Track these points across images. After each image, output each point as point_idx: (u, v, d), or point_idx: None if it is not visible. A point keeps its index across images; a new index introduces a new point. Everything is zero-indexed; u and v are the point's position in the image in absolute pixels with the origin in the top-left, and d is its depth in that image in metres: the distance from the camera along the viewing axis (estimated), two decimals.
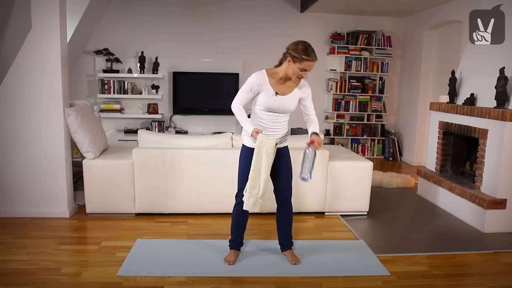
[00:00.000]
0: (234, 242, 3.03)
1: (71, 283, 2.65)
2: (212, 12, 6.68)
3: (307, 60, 2.60)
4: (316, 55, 2.64)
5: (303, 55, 2.59)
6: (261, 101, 2.75)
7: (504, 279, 2.89)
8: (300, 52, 2.60)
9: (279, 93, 2.74)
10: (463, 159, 4.55)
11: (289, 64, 2.66)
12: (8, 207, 3.78)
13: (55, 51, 3.66)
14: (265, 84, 2.72)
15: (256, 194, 2.77)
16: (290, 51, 2.64)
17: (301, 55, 2.59)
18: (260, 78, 2.73)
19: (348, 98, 7.01)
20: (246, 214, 2.99)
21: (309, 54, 2.60)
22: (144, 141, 3.92)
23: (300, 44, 2.63)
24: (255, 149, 2.73)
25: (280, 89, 2.75)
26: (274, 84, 2.74)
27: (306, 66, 2.62)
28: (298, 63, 2.61)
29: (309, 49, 2.61)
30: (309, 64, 2.62)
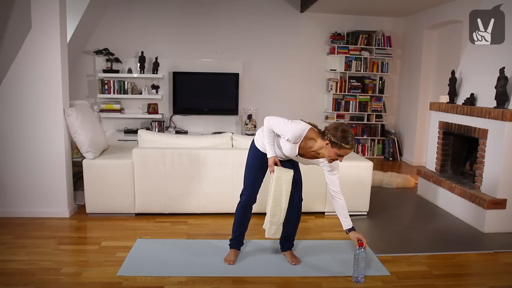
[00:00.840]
0: (235, 241, 3.03)
1: (71, 283, 2.65)
2: (212, 12, 6.68)
3: (346, 148, 2.52)
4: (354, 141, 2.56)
5: (343, 143, 2.50)
6: (284, 145, 2.71)
7: (504, 279, 2.89)
8: (339, 139, 2.50)
9: (301, 156, 2.73)
10: (463, 159, 4.55)
11: (326, 146, 2.56)
12: (8, 207, 3.78)
13: (55, 51, 3.66)
14: (296, 143, 2.66)
15: (277, 221, 2.79)
16: (330, 135, 2.53)
17: (341, 143, 2.50)
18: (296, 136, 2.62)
19: (348, 98, 7.01)
20: (249, 213, 2.99)
21: (349, 142, 2.51)
22: (144, 141, 3.92)
23: (340, 130, 2.52)
24: (274, 180, 2.71)
25: (305, 153, 2.71)
26: (303, 147, 2.67)
27: (344, 153, 2.55)
28: (337, 149, 2.53)
29: (349, 137, 2.52)
30: (347, 152, 2.55)
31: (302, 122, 2.69)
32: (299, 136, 2.63)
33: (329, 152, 2.57)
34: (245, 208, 2.95)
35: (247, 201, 2.93)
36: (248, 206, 2.95)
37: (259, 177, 2.92)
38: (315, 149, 2.65)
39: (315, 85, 7.13)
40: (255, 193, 2.94)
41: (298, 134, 2.63)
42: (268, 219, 2.79)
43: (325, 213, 4.07)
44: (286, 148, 2.72)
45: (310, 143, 2.65)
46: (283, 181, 2.74)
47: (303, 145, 2.67)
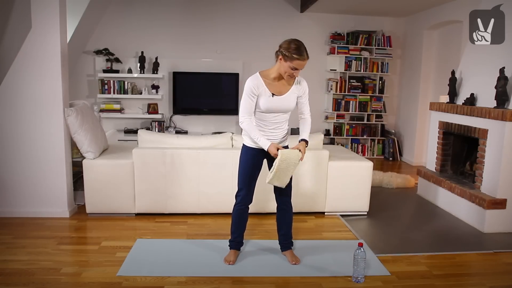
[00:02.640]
0: (234, 242, 3.03)
1: (71, 283, 2.65)
2: (212, 12, 6.68)
3: (298, 59, 2.58)
4: (308, 54, 2.62)
5: (294, 54, 2.57)
6: (260, 104, 2.74)
7: (504, 279, 2.89)
8: (291, 51, 2.57)
9: (276, 94, 2.73)
10: (463, 159, 4.55)
11: (281, 62, 2.64)
12: (8, 207, 3.78)
13: (55, 51, 3.66)
14: (261, 86, 2.71)
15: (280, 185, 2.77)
16: (282, 49, 2.61)
17: (291, 54, 2.57)
18: (255, 80, 2.71)
19: (348, 98, 7.01)
20: (246, 214, 2.99)
21: (301, 53, 2.57)
22: (144, 141, 3.92)
23: (293, 43, 2.59)
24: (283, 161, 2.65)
25: (276, 89, 2.74)
26: (269, 84, 2.73)
27: (297, 65, 2.60)
28: (289, 61, 2.59)
29: (301, 48, 2.59)
30: (300, 63, 2.60)
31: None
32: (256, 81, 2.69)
33: (284, 67, 2.62)
34: (242, 209, 2.95)
35: (242, 201, 2.92)
36: (244, 207, 2.95)
37: (253, 177, 2.90)
38: (276, 75, 2.70)
39: (315, 85, 7.12)
40: (251, 193, 2.93)
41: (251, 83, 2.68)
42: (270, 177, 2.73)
43: (325, 213, 4.07)
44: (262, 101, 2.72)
45: (270, 77, 2.72)
46: (292, 164, 2.70)
47: (268, 83, 2.71)
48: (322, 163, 3.91)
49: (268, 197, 3.68)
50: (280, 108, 2.78)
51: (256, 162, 2.88)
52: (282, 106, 2.77)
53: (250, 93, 2.70)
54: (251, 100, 2.72)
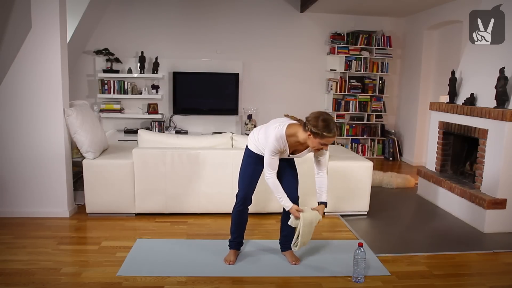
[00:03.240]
0: (234, 242, 3.04)
1: (71, 283, 2.65)
2: (212, 12, 6.68)
3: (328, 137, 2.51)
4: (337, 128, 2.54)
5: (324, 132, 2.48)
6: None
7: (504, 279, 2.89)
8: (321, 129, 2.48)
9: (292, 153, 2.74)
10: (463, 159, 4.55)
11: (309, 137, 2.55)
12: (8, 207, 3.78)
13: (55, 51, 3.66)
14: (284, 147, 2.66)
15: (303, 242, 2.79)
16: (311, 126, 2.50)
17: (322, 132, 2.48)
18: (280, 143, 2.62)
19: (348, 98, 7.01)
20: (246, 214, 3.00)
21: (331, 130, 2.49)
22: (144, 141, 3.92)
23: (321, 120, 2.49)
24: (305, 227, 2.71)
25: (295, 148, 2.72)
26: (291, 145, 2.67)
27: (327, 142, 2.54)
28: (319, 138, 2.51)
29: (330, 125, 2.49)
30: (330, 141, 2.54)
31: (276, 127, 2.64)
32: (281, 142, 2.62)
33: (313, 142, 2.56)
34: (241, 210, 2.95)
35: (241, 202, 2.92)
36: (244, 208, 2.95)
37: (254, 179, 2.91)
38: (301, 141, 2.64)
39: (315, 85, 7.13)
40: (250, 194, 2.93)
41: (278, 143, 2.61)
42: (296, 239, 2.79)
43: (325, 213, 4.07)
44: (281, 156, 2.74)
45: (294, 139, 2.64)
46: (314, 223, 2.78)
47: (290, 144, 2.67)
48: None
49: (268, 197, 3.68)
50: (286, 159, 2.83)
51: (259, 166, 2.88)
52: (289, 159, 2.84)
53: (275, 151, 2.65)
54: (276, 158, 2.68)
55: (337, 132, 2.56)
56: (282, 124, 2.65)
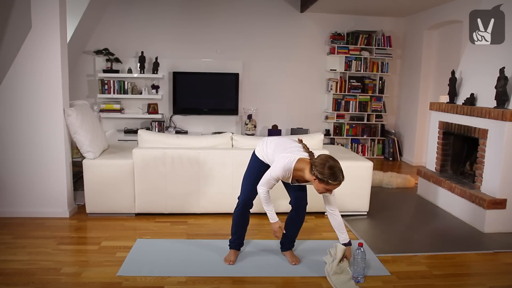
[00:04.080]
0: (234, 243, 3.04)
1: (71, 283, 2.65)
2: (212, 12, 6.68)
3: (333, 184, 2.50)
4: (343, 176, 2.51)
5: (330, 180, 2.47)
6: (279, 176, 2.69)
7: (504, 279, 2.89)
8: (327, 176, 2.46)
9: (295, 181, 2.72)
10: (463, 159, 4.55)
11: (314, 181, 2.53)
12: (8, 207, 3.78)
13: (55, 51, 3.66)
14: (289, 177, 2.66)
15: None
16: (317, 172, 2.49)
17: (327, 180, 2.47)
18: (285, 174, 2.62)
19: (348, 98, 7.01)
20: (247, 217, 2.99)
21: (336, 179, 2.48)
22: (144, 141, 3.92)
23: (327, 167, 2.47)
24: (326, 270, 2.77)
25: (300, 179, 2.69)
26: (296, 175, 2.65)
27: (332, 188, 2.53)
28: (324, 184, 2.50)
29: (336, 173, 2.47)
30: (335, 187, 2.53)
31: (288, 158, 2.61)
32: (287, 173, 2.61)
33: (318, 186, 2.54)
34: (242, 211, 2.95)
35: (242, 204, 2.92)
36: (245, 210, 2.95)
37: (257, 183, 2.86)
38: (307, 179, 2.60)
39: (315, 85, 7.13)
40: (252, 198, 2.93)
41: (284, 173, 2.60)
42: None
43: (325, 213, 4.06)
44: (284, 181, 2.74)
45: (300, 173, 2.61)
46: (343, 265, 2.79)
47: (295, 175, 2.64)
48: None
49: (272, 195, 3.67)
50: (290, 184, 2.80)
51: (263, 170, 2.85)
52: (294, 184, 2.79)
53: (277, 178, 2.65)
54: (275, 182, 2.68)
55: (343, 179, 2.52)
56: (292, 157, 2.61)
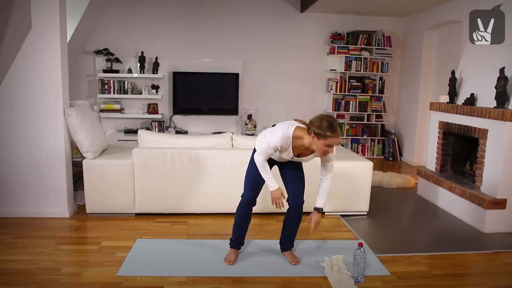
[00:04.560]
0: (235, 242, 3.03)
1: (71, 283, 2.65)
2: (212, 12, 6.68)
3: (332, 137, 2.50)
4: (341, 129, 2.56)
5: (328, 132, 2.48)
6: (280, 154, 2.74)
7: (504, 279, 2.89)
8: (324, 129, 2.48)
9: (297, 156, 2.73)
10: (463, 159, 4.55)
11: (313, 139, 2.55)
12: (8, 207, 3.78)
13: (55, 51, 3.66)
14: (287, 147, 2.67)
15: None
16: (314, 128, 2.52)
17: (325, 132, 2.49)
18: (284, 142, 2.64)
19: (348, 98, 7.01)
20: (249, 215, 2.99)
21: (334, 130, 2.49)
22: (144, 141, 3.92)
23: (324, 121, 2.51)
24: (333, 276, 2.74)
25: (300, 152, 2.72)
26: (296, 147, 2.67)
27: (332, 142, 2.53)
28: (323, 139, 2.51)
29: (333, 125, 2.50)
30: (334, 141, 2.53)
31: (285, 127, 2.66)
32: (286, 142, 2.63)
33: (317, 145, 2.55)
34: (245, 210, 2.94)
35: (246, 203, 2.92)
36: (248, 208, 2.95)
37: (259, 181, 2.89)
38: (307, 145, 2.64)
39: (315, 85, 7.13)
40: (255, 196, 2.93)
41: (283, 142, 2.62)
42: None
43: (325, 213, 4.07)
44: (282, 154, 2.74)
45: (300, 142, 2.65)
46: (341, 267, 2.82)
47: (295, 146, 2.67)
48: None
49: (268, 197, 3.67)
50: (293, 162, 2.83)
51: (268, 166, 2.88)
52: (296, 162, 2.83)
53: (275, 148, 2.67)
54: (272, 151, 2.71)
55: (341, 132, 2.56)
56: (291, 125, 2.66)
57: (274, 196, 2.78)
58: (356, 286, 2.67)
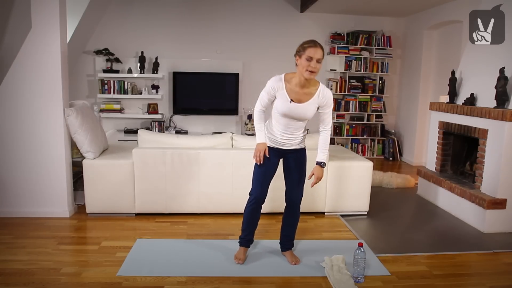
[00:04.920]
0: (244, 240, 3.03)
1: (71, 283, 2.65)
2: (212, 12, 6.68)
3: (310, 47, 2.57)
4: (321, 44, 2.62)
5: (306, 44, 2.59)
6: (277, 106, 2.74)
7: (504, 279, 2.89)
8: (303, 44, 2.61)
9: (294, 101, 2.69)
10: (463, 159, 4.55)
11: (298, 61, 2.63)
12: (8, 207, 3.78)
13: (55, 51, 3.66)
14: (281, 90, 2.69)
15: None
16: (297, 50, 2.64)
17: (303, 45, 2.60)
18: (276, 82, 2.70)
19: (348, 98, 7.01)
20: (258, 212, 2.97)
21: (312, 41, 2.59)
22: (144, 141, 3.92)
23: (305, 40, 2.64)
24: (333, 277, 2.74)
25: (297, 96, 2.69)
26: (291, 90, 2.69)
27: (311, 53, 2.56)
28: (303, 53, 2.58)
29: (312, 39, 2.62)
30: (313, 50, 2.56)
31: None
32: (278, 82, 2.69)
33: (301, 63, 2.60)
34: (254, 207, 2.92)
35: (254, 200, 2.90)
36: (257, 206, 2.93)
37: (267, 177, 2.88)
38: (298, 79, 2.66)
39: None
40: (264, 193, 2.90)
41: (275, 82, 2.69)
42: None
43: (325, 213, 4.07)
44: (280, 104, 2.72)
45: (293, 82, 2.69)
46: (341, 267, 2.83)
47: (290, 88, 2.68)
48: None
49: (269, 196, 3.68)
50: (297, 115, 2.74)
51: (272, 161, 2.86)
52: (299, 114, 2.73)
53: (267, 91, 2.75)
54: (267, 95, 2.77)
55: (319, 45, 2.60)
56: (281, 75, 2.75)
57: (257, 148, 2.79)
58: (356, 286, 2.67)
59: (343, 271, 2.78)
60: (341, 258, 2.92)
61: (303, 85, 2.68)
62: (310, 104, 2.72)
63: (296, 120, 2.77)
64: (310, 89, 2.70)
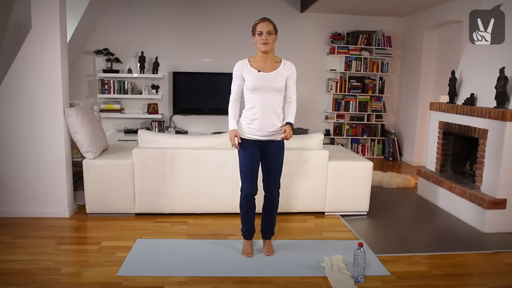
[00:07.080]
0: (246, 233, 3.09)
1: (71, 283, 2.65)
2: (212, 12, 6.68)
3: (258, 23, 2.85)
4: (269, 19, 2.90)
5: (254, 22, 2.87)
6: (248, 84, 2.89)
7: (504, 279, 2.89)
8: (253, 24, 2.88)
9: (261, 70, 2.87)
10: (463, 159, 4.55)
11: (254, 40, 2.89)
12: (8, 207, 3.78)
13: (55, 51, 3.66)
14: (245, 66, 2.91)
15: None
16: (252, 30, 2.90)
17: (253, 25, 2.88)
18: (240, 64, 2.94)
19: (348, 98, 7.01)
20: (252, 205, 3.04)
21: (260, 18, 2.86)
22: (144, 141, 3.92)
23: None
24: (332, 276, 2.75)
25: (262, 66, 2.90)
26: (255, 63, 2.91)
27: (260, 28, 2.83)
28: (255, 31, 2.86)
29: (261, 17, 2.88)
30: (259, 26, 2.84)
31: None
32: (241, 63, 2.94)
33: (256, 40, 2.88)
34: (247, 201, 2.99)
35: (245, 194, 2.96)
36: (248, 198, 2.98)
37: (253, 170, 2.95)
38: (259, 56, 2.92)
39: (315, 85, 7.13)
40: (254, 187, 2.96)
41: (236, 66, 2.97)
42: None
43: (325, 213, 4.07)
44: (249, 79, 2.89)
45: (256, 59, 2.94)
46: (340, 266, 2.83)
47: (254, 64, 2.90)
48: (322, 163, 3.90)
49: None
50: (266, 85, 2.86)
51: (255, 152, 2.94)
52: (268, 83, 2.87)
53: (235, 74, 2.95)
54: (236, 81, 2.96)
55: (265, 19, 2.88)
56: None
57: (230, 136, 2.90)
58: (356, 286, 2.67)
59: (343, 271, 2.78)
60: (341, 258, 2.92)
61: (265, 58, 2.90)
62: (278, 73, 2.91)
63: (269, 96, 2.87)
64: (274, 63, 2.93)
